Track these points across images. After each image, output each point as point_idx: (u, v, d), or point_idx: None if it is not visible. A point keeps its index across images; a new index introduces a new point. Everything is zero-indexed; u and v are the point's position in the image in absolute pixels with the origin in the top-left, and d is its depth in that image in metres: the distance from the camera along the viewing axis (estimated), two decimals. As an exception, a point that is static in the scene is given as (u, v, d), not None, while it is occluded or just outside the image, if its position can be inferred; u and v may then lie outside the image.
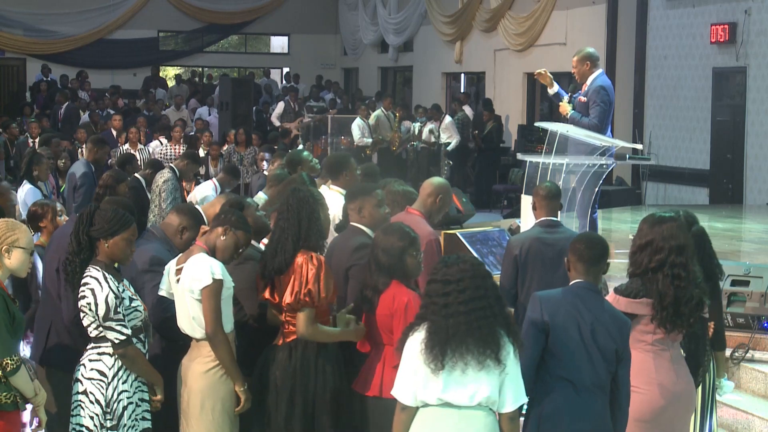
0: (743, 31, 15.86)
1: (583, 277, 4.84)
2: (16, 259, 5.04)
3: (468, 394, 4.39)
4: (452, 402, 4.41)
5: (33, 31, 27.70)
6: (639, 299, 4.97)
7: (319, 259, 5.30)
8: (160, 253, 5.71)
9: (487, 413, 4.44)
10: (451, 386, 4.39)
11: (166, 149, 15.57)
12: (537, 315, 4.76)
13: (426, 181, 6.70)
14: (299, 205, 5.42)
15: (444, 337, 4.38)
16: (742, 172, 16.05)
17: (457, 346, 4.36)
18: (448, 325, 4.39)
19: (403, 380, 4.50)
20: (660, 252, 4.96)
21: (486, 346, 4.36)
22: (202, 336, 5.31)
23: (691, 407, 5.23)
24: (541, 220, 6.69)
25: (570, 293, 4.83)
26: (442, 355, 4.37)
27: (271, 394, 5.32)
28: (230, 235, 5.41)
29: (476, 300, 4.41)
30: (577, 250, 4.86)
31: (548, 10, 20.32)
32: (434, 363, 4.38)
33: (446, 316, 4.41)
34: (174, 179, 10.30)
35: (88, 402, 5.14)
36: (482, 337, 4.36)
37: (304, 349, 5.31)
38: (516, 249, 6.54)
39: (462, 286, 4.42)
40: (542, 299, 4.82)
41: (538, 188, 6.77)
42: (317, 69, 29.09)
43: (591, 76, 9.11)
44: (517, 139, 20.71)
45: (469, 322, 4.38)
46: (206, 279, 5.21)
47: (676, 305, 4.91)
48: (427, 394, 4.43)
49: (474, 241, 9.52)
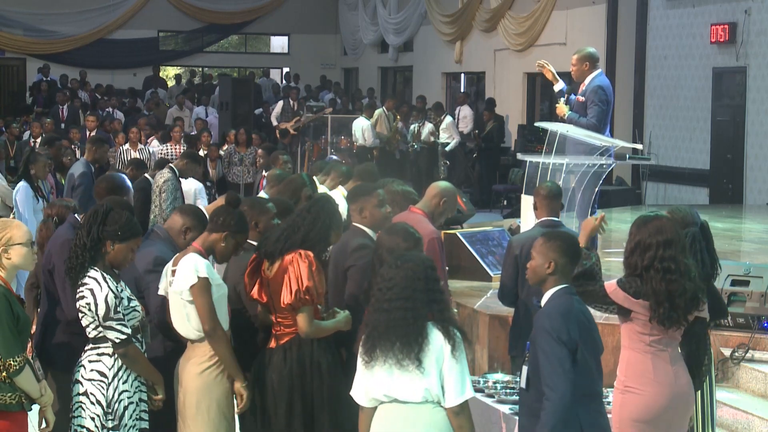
0: (743, 31, 15.86)
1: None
2: (17, 256, 5.02)
3: (411, 389, 4.48)
4: (399, 398, 4.51)
5: (33, 31, 27.70)
6: (637, 300, 4.96)
7: (308, 255, 5.29)
8: (164, 254, 5.69)
9: (437, 408, 4.51)
10: (395, 382, 4.49)
11: (166, 149, 15.57)
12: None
13: (434, 183, 6.72)
14: (322, 213, 5.43)
15: (369, 332, 4.52)
16: (742, 172, 16.04)
17: (381, 342, 4.48)
18: (373, 320, 4.52)
19: (356, 380, 4.63)
20: (648, 249, 4.96)
21: (404, 345, 4.44)
22: (197, 337, 5.32)
23: (690, 408, 5.22)
24: (542, 220, 6.70)
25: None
26: (371, 350, 4.49)
27: (269, 398, 5.32)
28: (230, 241, 5.44)
29: (400, 300, 4.48)
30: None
31: (548, 10, 20.32)
32: (364, 356, 4.52)
33: (374, 311, 4.54)
34: (174, 179, 10.30)
35: (89, 403, 5.14)
36: (399, 337, 4.44)
37: (299, 350, 5.31)
38: (517, 249, 6.55)
39: (391, 284, 4.52)
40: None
41: (539, 188, 6.78)
42: (317, 69, 29.09)
43: (589, 76, 9.08)
44: (517, 139, 20.70)
45: (388, 321, 4.47)
46: (191, 278, 5.23)
47: (670, 299, 4.90)
48: (375, 391, 4.54)
49: (474, 241, 9.52)
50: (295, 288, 5.21)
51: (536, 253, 4.89)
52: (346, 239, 5.89)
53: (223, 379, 5.32)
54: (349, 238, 5.89)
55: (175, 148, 15.44)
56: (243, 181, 15.96)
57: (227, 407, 5.36)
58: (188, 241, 5.74)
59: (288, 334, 5.32)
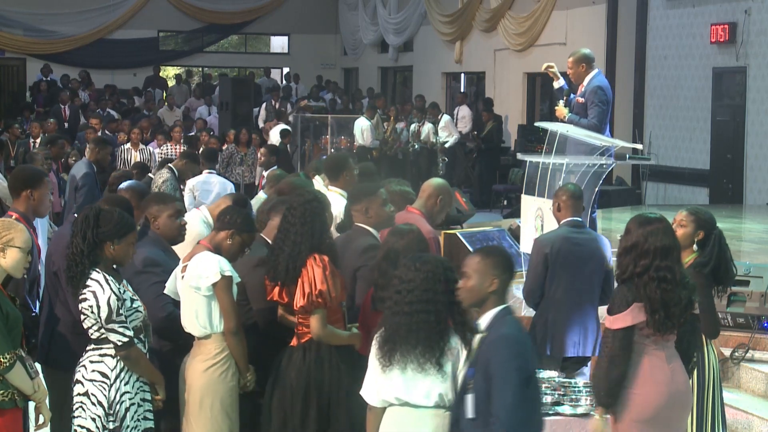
0: (743, 31, 15.87)
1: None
2: (12, 259, 5.04)
3: (422, 393, 4.45)
4: (410, 401, 4.48)
5: (33, 31, 27.69)
6: (630, 306, 4.92)
7: (323, 259, 5.33)
8: (154, 255, 5.74)
9: (447, 413, 4.48)
10: (407, 385, 4.46)
11: (166, 149, 15.59)
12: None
13: (426, 182, 6.73)
14: (311, 215, 5.43)
15: (389, 335, 4.46)
16: (742, 172, 16.05)
17: (401, 345, 4.43)
18: (393, 323, 4.46)
19: (368, 379, 4.60)
20: (644, 257, 4.92)
21: (426, 349, 4.40)
22: (202, 334, 5.36)
23: (689, 406, 5.22)
24: (567, 220, 6.76)
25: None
26: (390, 353, 4.45)
27: (287, 395, 5.36)
28: (236, 239, 5.49)
29: (422, 302, 4.44)
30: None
31: (548, 10, 20.33)
32: (382, 359, 4.47)
33: (394, 313, 4.48)
34: (173, 179, 10.31)
35: (90, 404, 5.14)
36: (421, 340, 4.41)
37: (318, 349, 5.35)
38: (546, 248, 6.61)
39: (411, 287, 4.47)
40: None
41: (562, 191, 6.87)
42: (317, 69, 29.09)
43: (587, 76, 9.10)
44: (517, 139, 20.71)
45: (409, 324, 4.42)
46: (214, 276, 5.29)
47: (665, 308, 4.89)
48: (386, 393, 4.51)
49: (474, 241, 9.53)
50: (308, 291, 5.25)
51: (473, 272, 4.50)
52: (352, 240, 5.90)
53: (227, 378, 5.36)
54: (356, 238, 5.90)
55: (175, 149, 15.46)
56: (243, 181, 15.97)
57: (231, 405, 5.39)
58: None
59: (308, 334, 5.37)
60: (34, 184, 6.19)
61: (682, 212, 5.82)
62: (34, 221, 6.38)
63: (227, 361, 5.37)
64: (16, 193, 6.24)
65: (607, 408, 4.94)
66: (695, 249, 5.77)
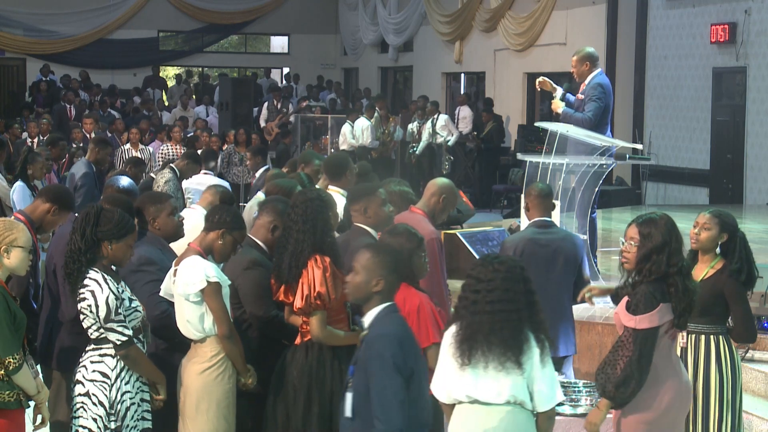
0: (743, 31, 15.87)
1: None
2: (16, 258, 5.05)
3: (495, 391, 4.46)
4: (480, 399, 4.48)
5: (33, 31, 27.70)
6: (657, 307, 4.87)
7: (324, 261, 5.33)
8: (150, 254, 5.72)
9: (518, 411, 4.49)
10: (479, 383, 4.46)
11: (166, 149, 15.59)
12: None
13: (431, 181, 6.72)
14: (312, 213, 5.43)
15: (470, 334, 4.45)
16: (742, 172, 16.06)
17: (482, 344, 4.43)
18: (474, 322, 4.45)
19: (437, 377, 4.59)
20: (676, 254, 4.90)
21: (507, 348, 4.42)
22: (197, 338, 5.36)
23: (690, 403, 5.24)
24: (534, 220, 6.71)
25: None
26: (469, 351, 4.44)
27: (290, 394, 5.36)
28: (228, 239, 5.47)
29: (503, 302, 4.45)
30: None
31: (548, 10, 20.33)
32: (461, 358, 4.46)
33: (473, 313, 4.47)
34: (175, 179, 10.31)
35: (91, 404, 5.13)
36: (504, 338, 4.42)
37: (320, 348, 5.35)
38: (510, 250, 6.58)
39: (491, 286, 4.47)
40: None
41: (530, 189, 6.80)
42: (317, 69, 29.10)
43: (590, 75, 9.13)
44: (517, 139, 20.72)
45: (492, 322, 4.43)
46: (200, 283, 5.27)
47: (689, 301, 4.90)
48: (458, 391, 4.51)
49: (474, 241, 9.54)
50: (306, 293, 5.26)
51: (361, 267, 4.52)
52: (351, 240, 5.90)
53: (223, 380, 5.35)
54: (354, 238, 5.89)
55: (175, 149, 15.46)
56: (243, 181, 15.96)
57: (227, 408, 5.38)
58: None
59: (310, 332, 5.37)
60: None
61: (705, 215, 5.70)
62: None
63: (223, 363, 5.36)
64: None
65: (620, 408, 4.92)
66: (717, 252, 5.72)
